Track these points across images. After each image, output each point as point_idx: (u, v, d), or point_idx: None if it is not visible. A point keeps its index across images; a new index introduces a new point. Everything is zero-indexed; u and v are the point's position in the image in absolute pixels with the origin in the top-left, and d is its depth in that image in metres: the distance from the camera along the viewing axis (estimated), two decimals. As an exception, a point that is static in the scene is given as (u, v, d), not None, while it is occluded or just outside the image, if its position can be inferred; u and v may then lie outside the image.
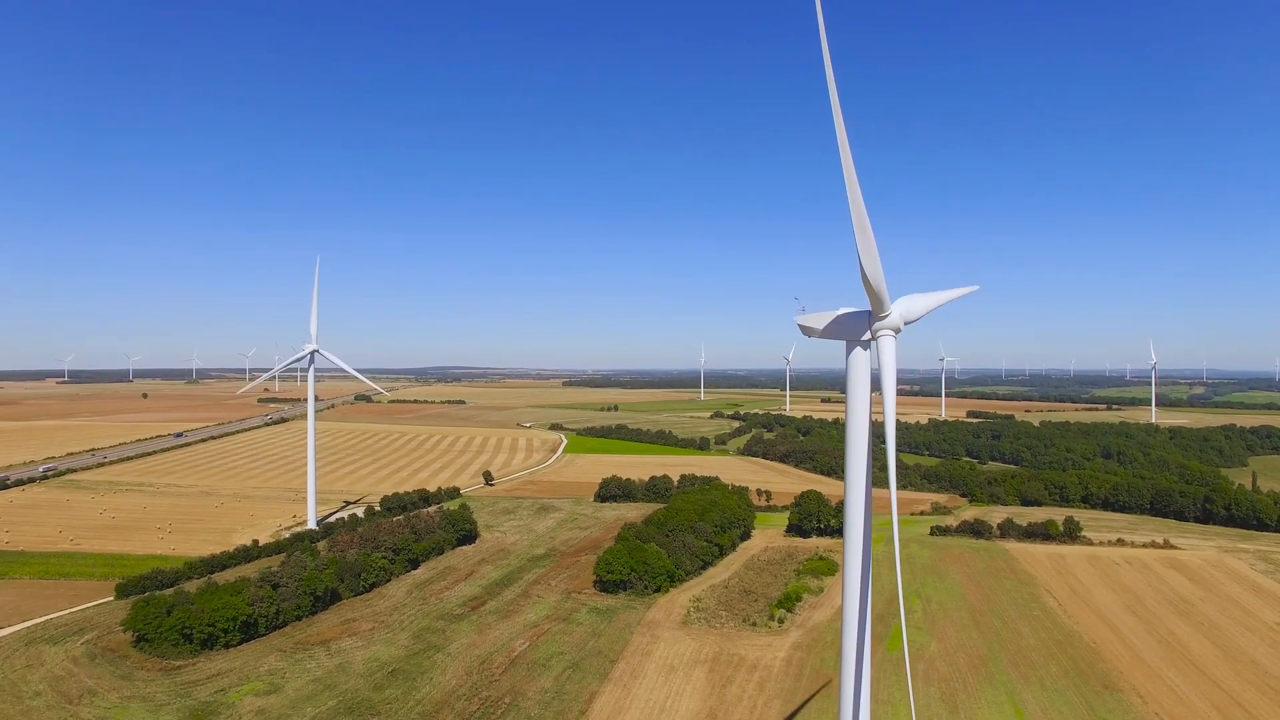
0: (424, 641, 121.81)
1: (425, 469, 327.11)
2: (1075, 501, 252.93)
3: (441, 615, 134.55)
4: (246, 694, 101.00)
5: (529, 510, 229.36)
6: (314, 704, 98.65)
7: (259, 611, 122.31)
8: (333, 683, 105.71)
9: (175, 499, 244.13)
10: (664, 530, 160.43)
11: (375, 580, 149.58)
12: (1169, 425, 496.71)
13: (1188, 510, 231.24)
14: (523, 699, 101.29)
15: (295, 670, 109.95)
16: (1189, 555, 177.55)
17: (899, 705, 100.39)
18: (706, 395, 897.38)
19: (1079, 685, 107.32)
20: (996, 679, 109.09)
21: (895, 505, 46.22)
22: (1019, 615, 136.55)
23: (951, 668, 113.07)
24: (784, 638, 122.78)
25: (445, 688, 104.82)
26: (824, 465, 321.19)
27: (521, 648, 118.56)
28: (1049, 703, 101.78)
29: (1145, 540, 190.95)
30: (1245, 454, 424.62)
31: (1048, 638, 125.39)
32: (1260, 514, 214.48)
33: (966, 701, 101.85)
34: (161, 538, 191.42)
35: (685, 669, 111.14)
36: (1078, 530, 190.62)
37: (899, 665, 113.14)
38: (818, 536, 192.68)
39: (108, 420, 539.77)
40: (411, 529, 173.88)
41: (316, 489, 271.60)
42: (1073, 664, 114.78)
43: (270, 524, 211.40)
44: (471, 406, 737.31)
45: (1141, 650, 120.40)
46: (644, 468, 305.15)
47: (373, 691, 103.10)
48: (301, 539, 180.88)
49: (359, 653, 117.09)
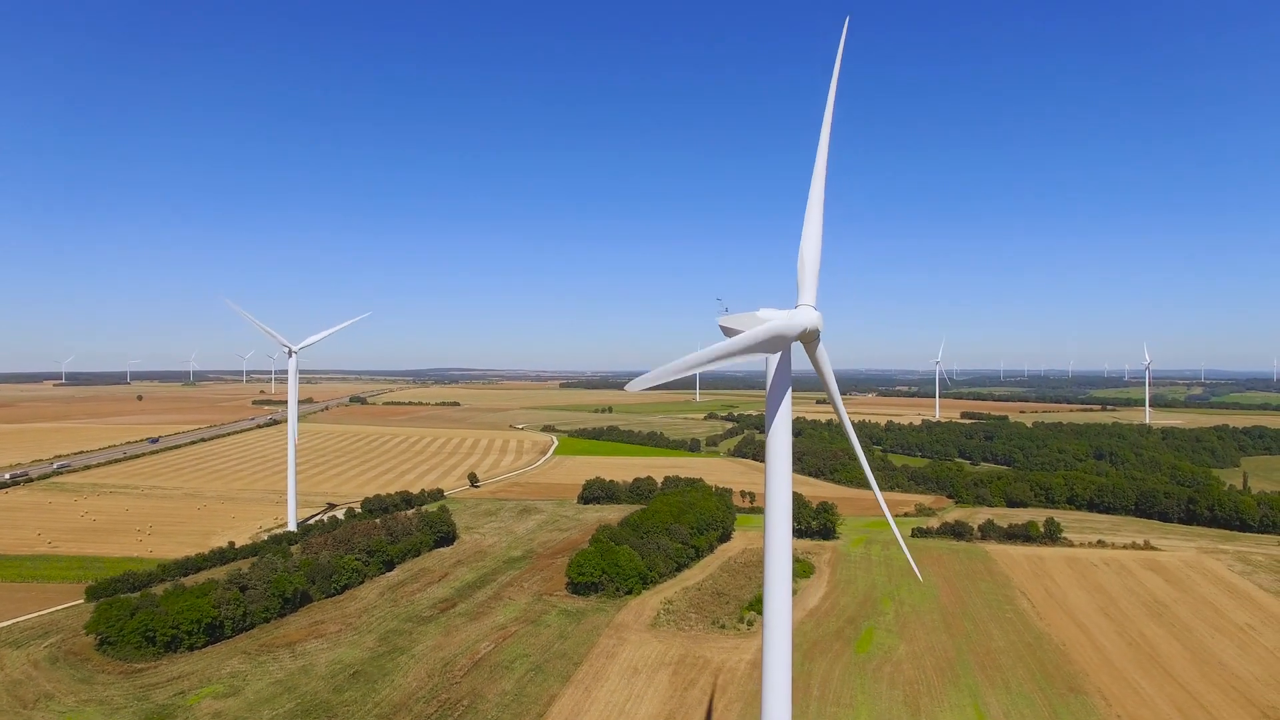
0: (389, 644, 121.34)
1: (413, 471, 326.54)
2: (1061, 503, 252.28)
3: (410, 617, 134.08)
4: (205, 696, 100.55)
5: (511, 512, 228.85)
6: (271, 706, 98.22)
7: (225, 614, 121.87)
8: (293, 685, 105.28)
9: (158, 501, 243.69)
10: (639, 532, 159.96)
11: (347, 582, 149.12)
12: (1162, 426, 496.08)
13: (1172, 511, 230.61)
14: (481, 701, 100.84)
15: (257, 672, 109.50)
16: (1168, 557, 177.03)
17: (861, 708, 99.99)
18: (702, 397, 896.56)
19: (1044, 687, 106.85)
20: (961, 681, 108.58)
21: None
22: (991, 617, 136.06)
23: (918, 670, 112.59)
24: (751, 640, 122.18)
25: (405, 690, 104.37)
26: (812, 467, 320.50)
27: (486, 650, 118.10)
28: (1011, 705, 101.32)
29: (1126, 542, 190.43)
30: (1237, 454, 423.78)
31: (1018, 640, 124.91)
32: (1244, 515, 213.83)
33: (929, 704, 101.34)
34: (140, 540, 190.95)
35: (649, 671, 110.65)
36: (1058, 532, 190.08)
37: (864, 668, 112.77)
38: (797, 538, 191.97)
39: (101, 423, 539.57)
40: (387, 531, 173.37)
41: (302, 491, 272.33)
42: (1040, 666, 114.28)
43: (251, 526, 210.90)
44: (466, 408, 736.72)
45: (1110, 652, 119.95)
46: (632, 469, 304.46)
47: (332, 694, 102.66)
48: (279, 541, 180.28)
49: (323, 655, 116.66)
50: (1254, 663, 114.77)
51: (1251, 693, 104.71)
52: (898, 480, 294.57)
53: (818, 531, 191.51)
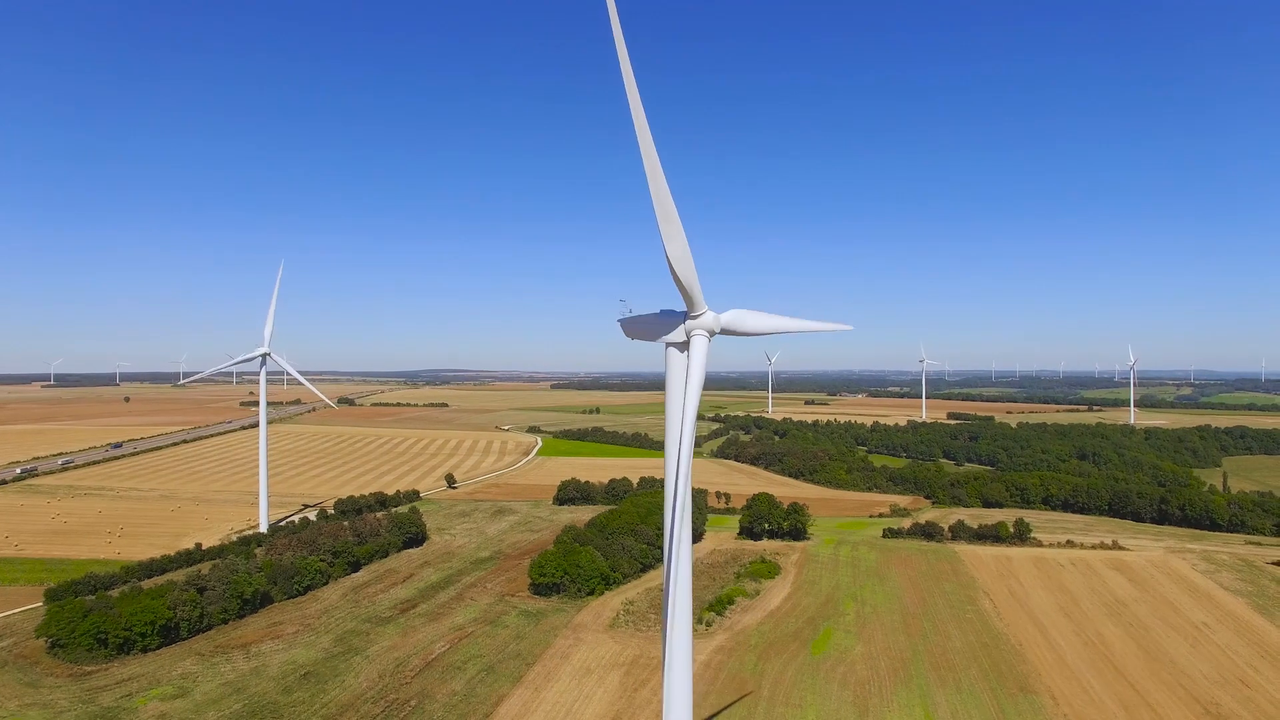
0: (345, 644, 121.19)
1: (392, 472, 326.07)
2: (1036, 503, 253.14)
3: (369, 618, 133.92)
4: (153, 698, 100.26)
5: (485, 513, 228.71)
6: (218, 708, 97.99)
7: (181, 615, 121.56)
8: (243, 686, 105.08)
9: (133, 503, 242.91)
10: (604, 533, 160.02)
11: (310, 583, 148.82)
12: (1145, 426, 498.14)
13: (1145, 511, 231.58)
14: (429, 701, 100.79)
15: (209, 674, 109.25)
16: (1134, 556, 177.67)
17: (809, 709, 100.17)
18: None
19: (995, 687, 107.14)
20: (913, 682, 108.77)
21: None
22: (951, 618, 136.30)
23: (871, 670, 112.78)
24: (708, 641, 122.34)
25: (355, 691, 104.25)
26: (792, 468, 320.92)
27: (441, 650, 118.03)
28: (960, 705, 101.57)
29: (1094, 542, 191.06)
30: (1219, 454, 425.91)
31: (975, 640, 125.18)
32: (1214, 514, 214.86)
33: (878, 705, 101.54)
34: (109, 542, 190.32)
35: (601, 672, 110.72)
36: (1027, 532, 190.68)
37: (818, 668, 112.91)
38: (768, 539, 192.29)
39: (86, 424, 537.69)
40: (355, 532, 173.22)
41: (279, 493, 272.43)
42: (994, 666, 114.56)
43: (222, 528, 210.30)
44: (454, 409, 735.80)
45: (1065, 652, 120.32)
46: (612, 470, 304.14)
47: (281, 695, 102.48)
48: (248, 542, 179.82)
49: (278, 656, 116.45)
50: (1204, 660, 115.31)
51: (1197, 689, 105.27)
52: (876, 481, 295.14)
53: (788, 532, 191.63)
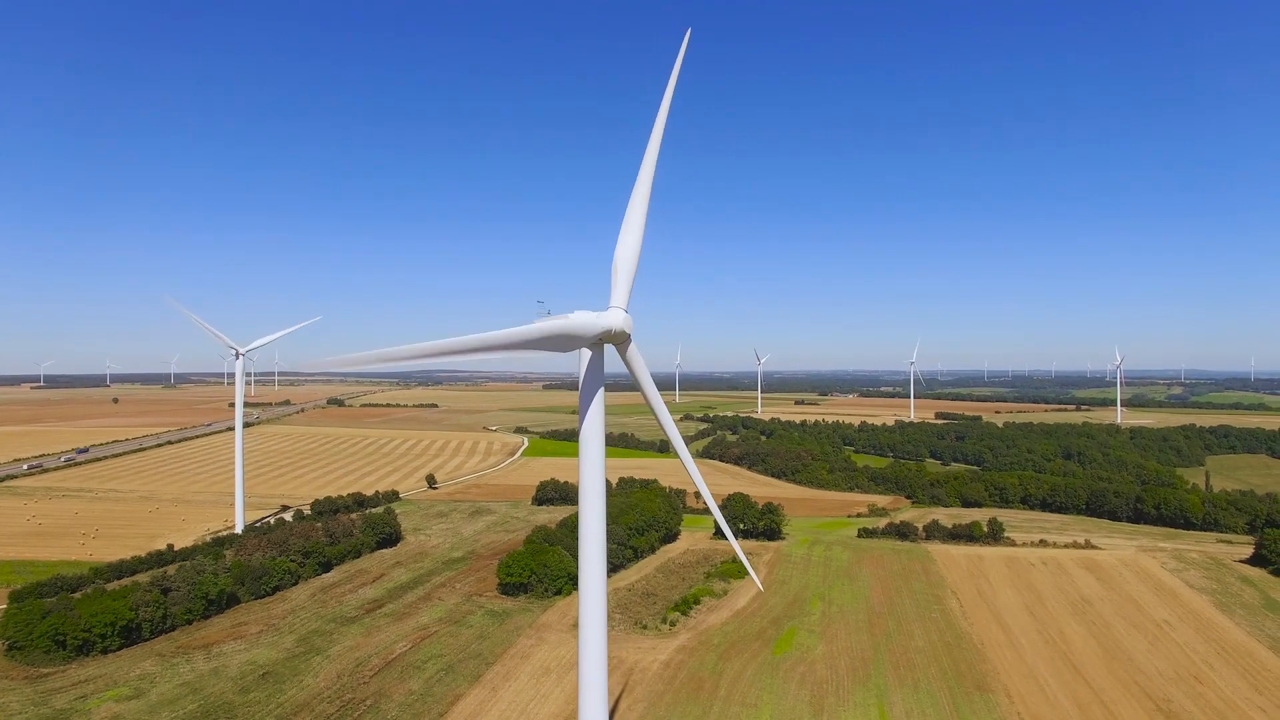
0: (308, 645, 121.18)
1: (375, 472, 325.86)
2: (1015, 502, 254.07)
3: (334, 618, 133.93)
4: (107, 700, 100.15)
5: (463, 513, 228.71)
6: (172, 709, 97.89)
7: (143, 616, 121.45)
8: (200, 686, 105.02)
9: (111, 504, 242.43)
10: (575, 533, 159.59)
11: (278, 584, 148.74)
12: (1131, 426, 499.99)
13: (1121, 510, 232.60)
14: (385, 701, 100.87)
15: (167, 675, 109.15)
16: (1106, 555, 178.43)
17: (764, 708, 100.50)
18: (682, 398, 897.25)
19: (952, 686, 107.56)
20: (871, 681, 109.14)
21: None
22: (917, 617, 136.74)
23: (830, 670, 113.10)
24: (670, 641, 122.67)
25: (312, 690, 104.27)
26: (775, 468, 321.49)
27: (402, 650, 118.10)
28: (915, 704, 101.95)
29: (1067, 541, 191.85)
30: (1203, 453, 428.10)
31: (938, 639, 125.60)
32: (1188, 513, 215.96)
33: (833, 704, 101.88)
34: (83, 544, 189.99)
35: (560, 671, 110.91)
36: (1001, 531, 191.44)
37: (778, 668, 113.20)
38: (743, 539, 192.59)
39: (72, 426, 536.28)
40: (327, 533, 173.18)
41: (260, 493, 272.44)
42: (953, 665, 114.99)
43: (199, 528, 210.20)
44: (443, 410, 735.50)
45: (1026, 650, 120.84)
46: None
47: (237, 695, 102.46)
48: (221, 543, 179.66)
49: (238, 656, 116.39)
50: (1161, 658, 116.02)
51: (1151, 686, 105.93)
52: (857, 481, 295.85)
53: (763, 532, 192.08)
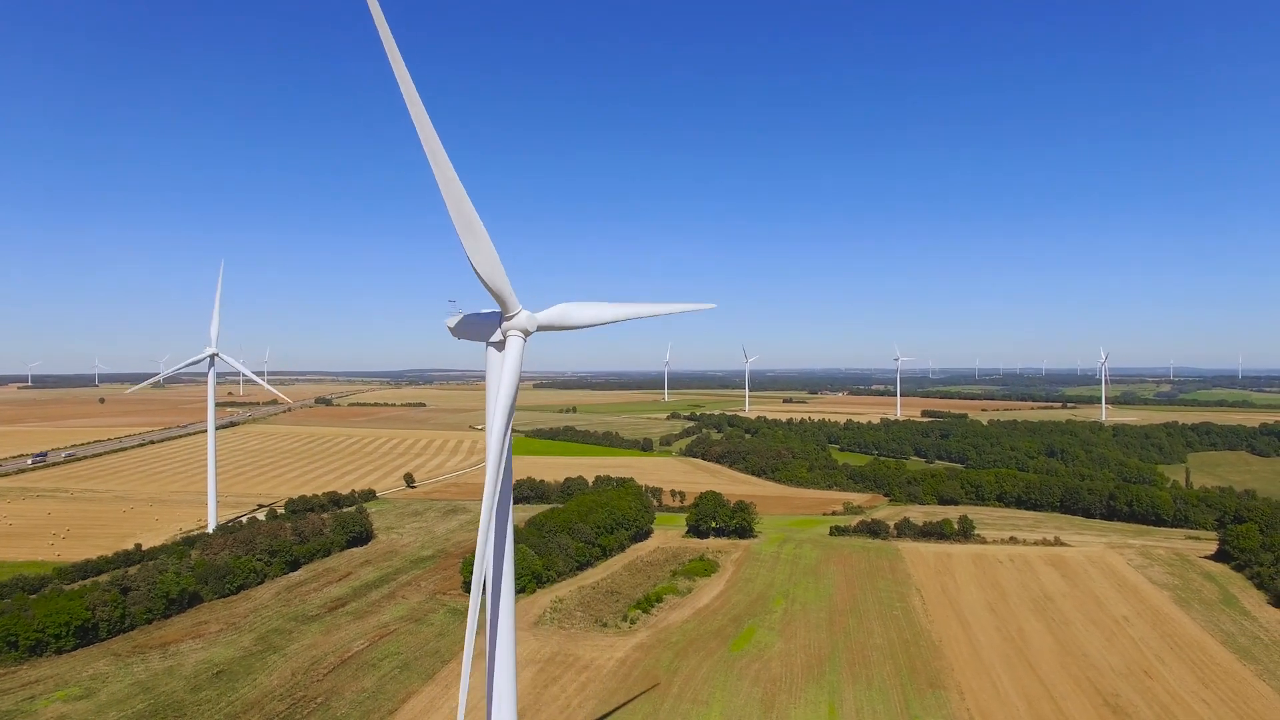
0: (266, 643, 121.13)
1: (355, 471, 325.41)
2: (991, 500, 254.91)
3: (296, 617, 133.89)
4: (55, 700, 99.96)
5: (437, 512, 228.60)
6: (121, 708, 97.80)
7: (101, 616, 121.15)
8: (153, 685, 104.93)
9: (85, 504, 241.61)
10: (542, 531, 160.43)
11: (244, 583, 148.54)
12: (1115, 423, 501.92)
13: (1094, 508, 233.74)
14: (336, 699, 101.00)
15: (120, 674, 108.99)
16: (1074, 552, 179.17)
17: (715, 705, 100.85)
18: (672, 396, 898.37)
19: (905, 683, 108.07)
20: (825, 679, 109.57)
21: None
22: (878, 615, 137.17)
23: (785, 667, 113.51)
24: (629, 639, 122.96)
25: (264, 688, 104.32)
26: (755, 466, 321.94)
27: (359, 648, 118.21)
28: (866, 701, 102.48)
29: (1037, 538, 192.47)
30: (1185, 450, 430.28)
31: (896, 637, 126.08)
32: (1159, 510, 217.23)
33: (784, 701, 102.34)
34: (52, 544, 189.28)
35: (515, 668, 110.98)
36: (971, 529, 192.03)
37: (733, 666, 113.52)
38: (715, 537, 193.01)
39: (57, 426, 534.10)
40: (297, 531, 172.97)
41: (237, 492, 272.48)
42: (909, 662, 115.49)
43: (171, 528, 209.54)
44: (431, 409, 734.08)
45: (983, 647, 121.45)
46: (578, 469, 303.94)
47: (189, 694, 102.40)
48: (191, 542, 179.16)
49: (195, 655, 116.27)
50: (1115, 653, 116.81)
51: (1102, 681, 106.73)
52: (836, 479, 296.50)
53: (735, 530, 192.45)
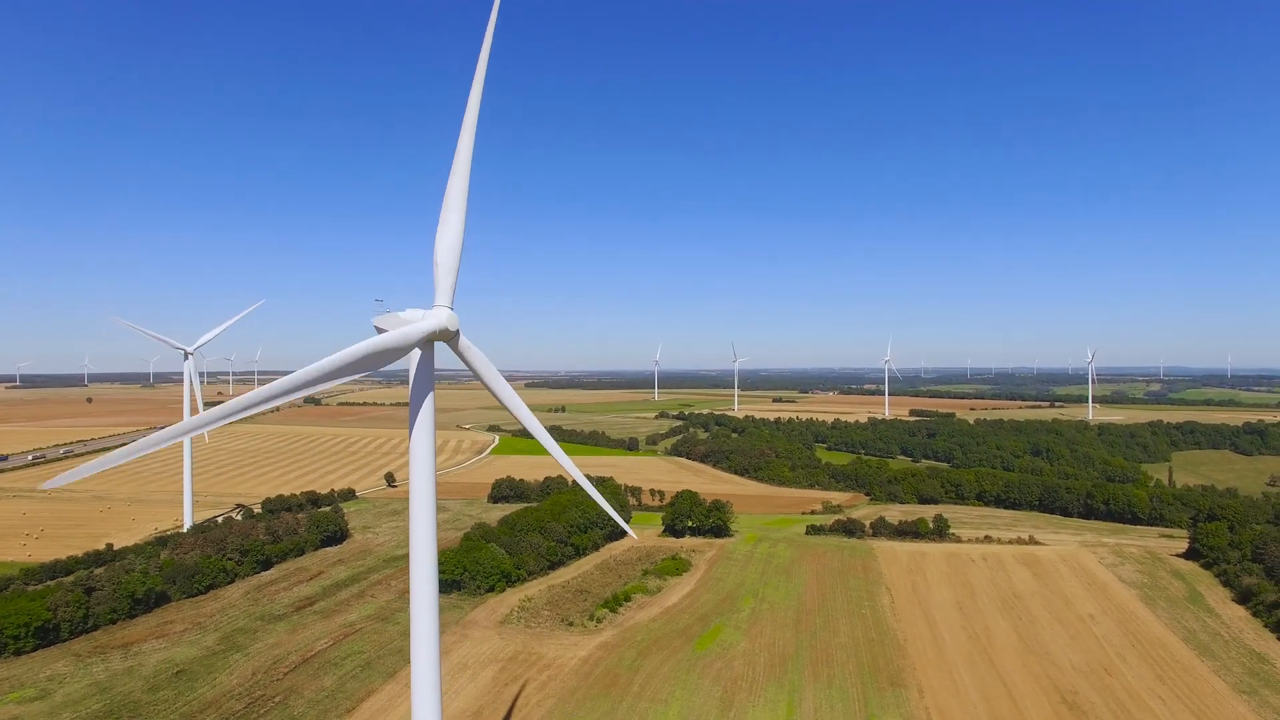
0: (230, 642, 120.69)
1: (337, 471, 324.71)
2: (970, 499, 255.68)
3: (263, 616, 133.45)
4: (9, 702, 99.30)
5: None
6: (76, 709, 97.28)
7: (62, 616, 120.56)
8: (110, 686, 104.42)
9: (62, 504, 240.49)
10: (514, 530, 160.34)
11: (213, 582, 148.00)
12: (1100, 422, 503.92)
13: (1072, 507, 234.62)
14: (295, 697, 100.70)
15: (79, 675, 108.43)
16: (1047, 551, 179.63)
17: (674, 704, 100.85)
18: (662, 396, 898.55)
19: (866, 682, 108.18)
20: (786, 678, 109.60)
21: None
22: (846, 614, 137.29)
23: (748, 666, 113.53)
24: (594, 637, 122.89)
25: (224, 688, 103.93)
26: (738, 465, 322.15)
27: (322, 646, 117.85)
28: (825, 700, 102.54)
29: (1012, 537, 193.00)
30: (1169, 449, 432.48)
31: (862, 636, 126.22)
32: (1135, 508, 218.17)
33: (744, 699, 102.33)
34: (24, 544, 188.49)
35: (476, 667, 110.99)
36: (946, 528, 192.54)
37: (695, 665, 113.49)
38: (691, 536, 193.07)
39: (41, 426, 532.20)
40: (269, 530, 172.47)
41: (217, 492, 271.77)
42: (872, 661, 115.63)
43: (147, 528, 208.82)
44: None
45: (947, 646, 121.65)
46: (559, 468, 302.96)
47: (146, 694, 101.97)
48: (164, 542, 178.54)
49: (157, 655, 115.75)
50: (1078, 651, 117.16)
51: (1062, 679, 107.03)
52: (818, 478, 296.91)
53: (711, 529, 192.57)
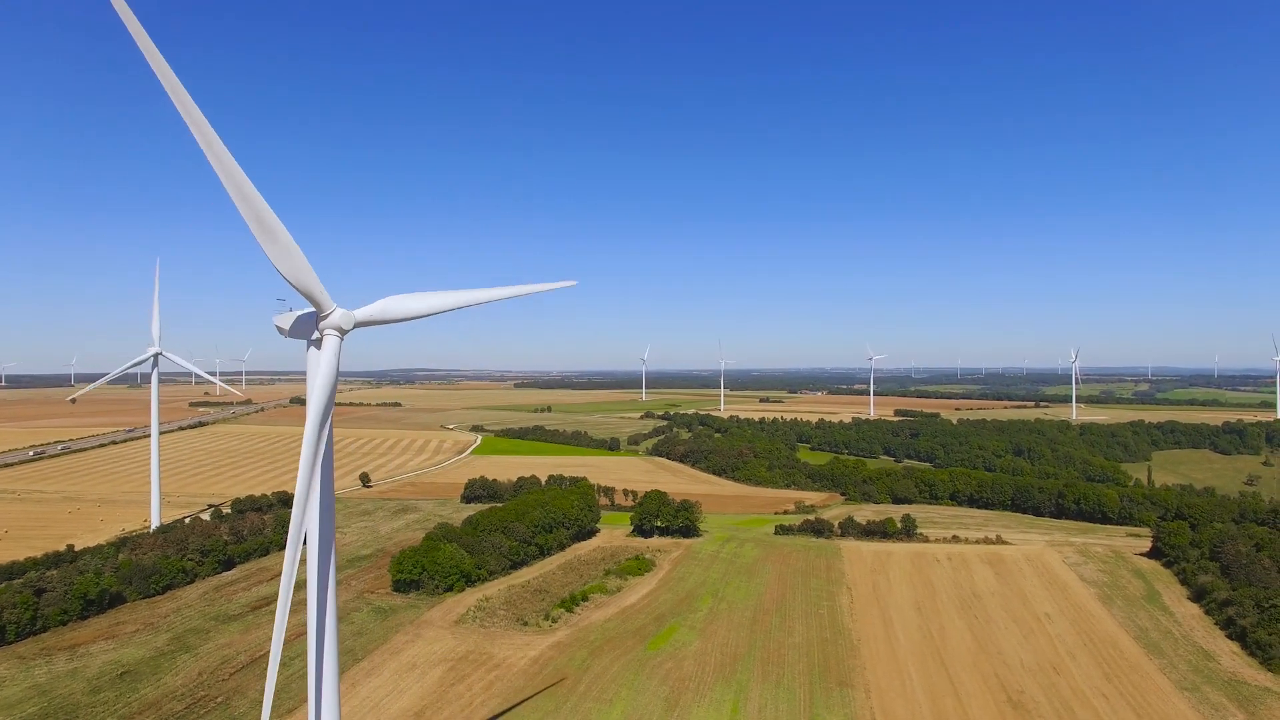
0: (180, 643, 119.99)
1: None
2: (944, 499, 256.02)
3: (218, 616, 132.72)
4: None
5: (387, 512, 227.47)
6: (13, 711, 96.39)
7: (9, 618, 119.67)
8: (51, 688, 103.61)
9: (30, 505, 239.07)
10: (476, 530, 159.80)
11: (171, 583, 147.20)
12: (1083, 422, 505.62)
13: (1044, 506, 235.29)
14: (238, 698, 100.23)
15: (20, 677, 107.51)
16: (1012, 550, 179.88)
17: (618, 704, 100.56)
18: (650, 396, 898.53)
19: (814, 682, 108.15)
20: (735, 678, 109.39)
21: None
22: (803, 614, 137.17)
23: (699, 666, 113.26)
24: (547, 637, 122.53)
25: (167, 689, 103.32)
26: (717, 465, 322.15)
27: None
28: (771, 700, 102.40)
29: (979, 536, 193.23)
30: (1149, 449, 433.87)
31: (815, 636, 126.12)
32: (1105, 508, 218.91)
33: (689, 699, 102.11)
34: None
35: (425, 667, 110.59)
36: (914, 528, 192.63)
37: (644, 665, 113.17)
38: (659, 536, 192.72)
39: (21, 426, 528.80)
40: (233, 530, 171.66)
41: (190, 492, 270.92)
42: (823, 661, 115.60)
43: (115, 529, 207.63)
44: (406, 409, 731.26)
45: (901, 646, 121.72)
46: (542, 468, 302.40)
47: (87, 695, 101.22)
48: (125, 543, 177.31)
49: (104, 656, 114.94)
50: (1029, 651, 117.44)
51: (1010, 678, 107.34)
52: (795, 478, 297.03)
53: (679, 529, 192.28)
